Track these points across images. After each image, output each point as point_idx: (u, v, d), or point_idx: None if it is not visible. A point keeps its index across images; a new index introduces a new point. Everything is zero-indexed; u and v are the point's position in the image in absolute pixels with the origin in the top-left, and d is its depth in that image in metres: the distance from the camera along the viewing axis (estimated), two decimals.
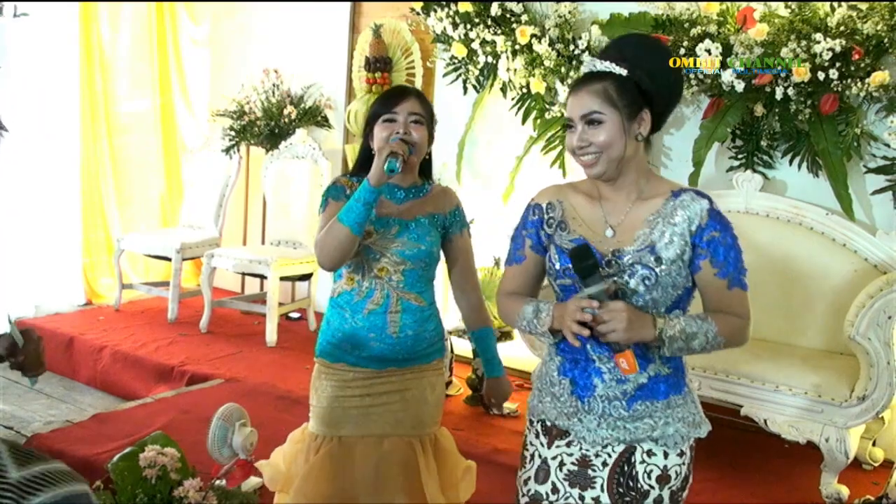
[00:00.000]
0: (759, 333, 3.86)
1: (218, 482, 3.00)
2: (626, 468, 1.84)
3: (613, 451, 1.84)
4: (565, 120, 1.87)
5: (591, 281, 1.74)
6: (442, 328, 2.49)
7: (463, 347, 4.58)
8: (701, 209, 1.80)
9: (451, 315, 4.81)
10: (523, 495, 1.94)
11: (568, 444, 1.88)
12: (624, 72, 1.80)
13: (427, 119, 2.36)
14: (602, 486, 1.85)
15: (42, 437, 3.68)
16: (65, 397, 4.74)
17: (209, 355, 4.96)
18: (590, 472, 1.86)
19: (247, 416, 3.16)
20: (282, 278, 5.29)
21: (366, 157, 2.38)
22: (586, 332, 1.72)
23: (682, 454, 1.85)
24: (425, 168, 2.45)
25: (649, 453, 1.83)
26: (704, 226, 1.80)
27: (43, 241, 5.80)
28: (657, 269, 1.77)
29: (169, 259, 5.66)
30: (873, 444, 3.74)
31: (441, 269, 2.48)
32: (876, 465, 3.72)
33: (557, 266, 1.86)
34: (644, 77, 1.81)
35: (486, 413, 4.25)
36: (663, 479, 1.84)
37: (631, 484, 1.83)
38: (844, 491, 3.36)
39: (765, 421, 3.48)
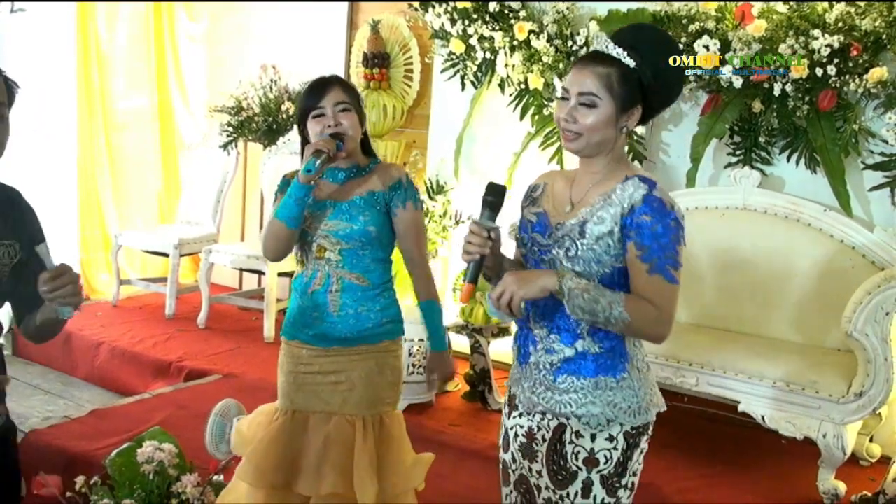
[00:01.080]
0: (756, 330, 3.86)
1: (216, 477, 3.00)
2: (557, 446, 1.90)
3: (549, 427, 1.90)
4: (561, 89, 1.90)
5: (488, 215, 1.89)
6: (397, 309, 2.54)
7: (460, 343, 4.58)
8: (637, 193, 1.81)
9: (449, 312, 4.81)
10: (499, 462, 2.07)
11: (520, 416, 1.97)
12: (632, 63, 1.81)
13: (354, 104, 2.43)
14: (542, 460, 1.92)
15: (40, 432, 3.68)
16: (62, 393, 4.74)
17: (207, 351, 4.96)
18: (534, 445, 1.94)
19: (244, 412, 3.16)
20: (279, 274, 5.28)
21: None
22: (473, 257, 1.85)
23: (611, 439, 1.86)
24: (365, 147, 2.53)
25: (577, 434, 1.87)
26: (636, 209, 1.79)
27: None
28: (578, 242, 1.82)
29: (166, 255, 5.66)
30: (870, 441, 3.75)
31: (442, 270, 2.53)
32: (873, 461, 3.73)
33: (517, 234, 2.00)
34: (648, 73, 1.82)
35: (483, 409, 4.25)
36: (590, 461, 1.86)
37: (562, 463, 1.89)
38: (842, 487, 3.37)
39: (762, 417, 3.49)
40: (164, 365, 4.76)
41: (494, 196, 1.90)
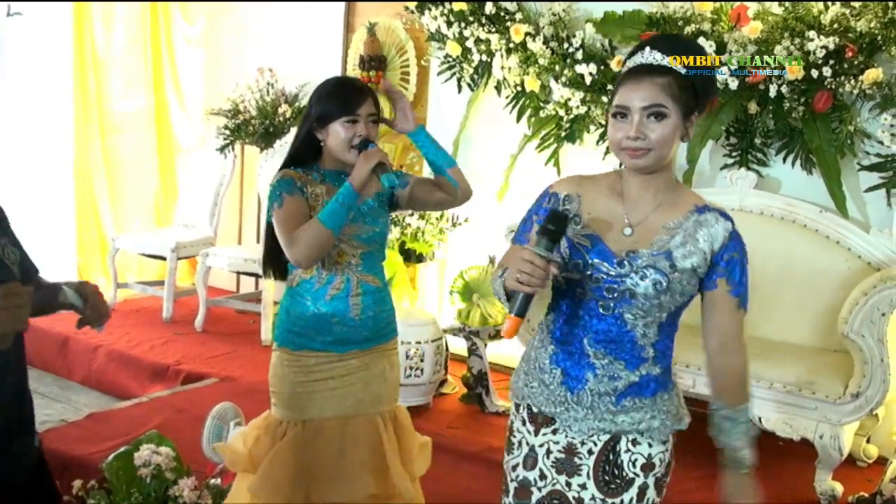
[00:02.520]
0: (752, 331, 3.87)
1: (213, 481, 3.00)
2: (611, 457, 1.86)
3: (599, 439, 1.87)
4: (614, 108, 1.79)
5: (546, 245, 1.71)
6: (394, 307, 2.58)
7: (458, 346, 4.58)
8: (725, 230, 1.82)
9: (446, 314, 4.82)
10: (512, 480, 1.96)
11: (554, 432, 1.90)
12: (683, 70, 1.78)
13: (379, 115, 2.45)
14: (588, 473, 1.88)
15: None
16: (60, 397, 4.73)
17: (204, 354, 4.95)
18: (576, 459, 1.88)
19: (241, 415, 3.16)
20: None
21: (314, 149, 2.45)
22: (526, 289, 1.68)
23: (664, 442, 1.89)
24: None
25: (634, 442, 1.86)
26: (727, 246, 1.82)
27: (36, 240, 5.78)
28: (671, 276, 1.77)
29: (163, 258, 5.65)
30: (867, 441, 3.75)
31: (439, 272, 2.55)
32: (870, 461, 3.73)
33: (566, 258, 1.83)
34: (698, 80, 1.80)
35: (480, 411, 4.25)
36: (648, 467, 1.87)
37: (616, 472, 1.86)
38: (838, 488, 3.37)
39: (759, 418, 3.49)
40: (161, 368, 4.75)
41: (556, 225, 1.74)
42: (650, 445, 1.86)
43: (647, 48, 1.80)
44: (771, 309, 3.87)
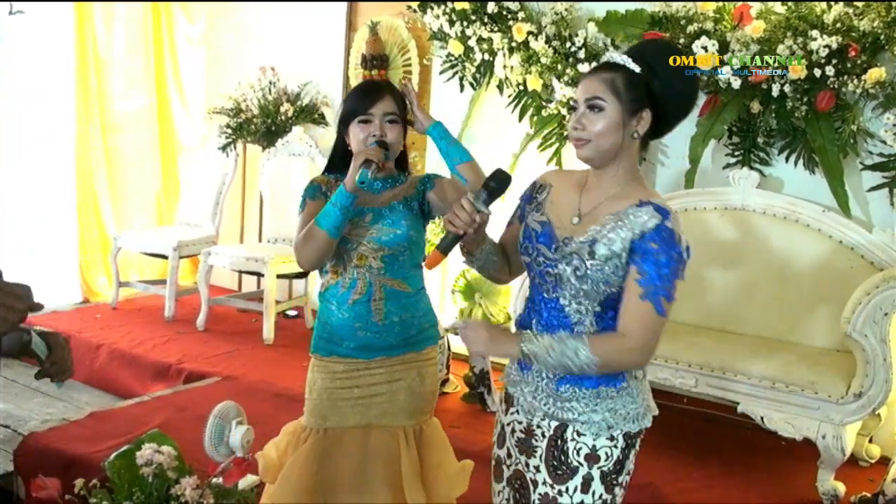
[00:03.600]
0: (755, 331, 3.86)
1: (215, 480, 3.00)
2: (558, 443, 1.93)
3: (549, 425, 1.94)
4: (572, 103, 1.92)
5: (485, 198, 1.89)
6: (434, 314, 2.52)
7: (459, 345, 4.57)
8: (650, 221, 1.81)
9: (447, 313, 4.82)
10: (492, 458, 2.10)
11: (517, 412, 2.01)
12: (637, 69, 1.84)
13: (401, 116, 2.39)
14: (541, 455, 1.95)
15: (39, 435, 3.68)
16: (62, 395, 4.73)
17: (206, 353, 4.95)
18: (533, 441, 1.98)
19: (244, 414, 3.15)
20: (279, 276, 5.28)
21: (342, 154, 2.42)
22: (451, 228, 1.87)
23: (612, 438, 1.90)
24: (401, 160, 2.49)
25: (578, 433, 1.91)
26: (647, 236, 1.80)
27: (39, 239, 5.80)
28: (587, 262, 1.83)
29: (166, 257, 5.65)
30: (870, 441, 3.75)
31: (441, 271, 2.51)
32: (872, 461, 3.73)
33: (521, 241, 1.98)
34: (655, 80, 1.85)
35: (482, 411, 4.25)
36: (592, 458, 1.90)
37: (563, 458, 1.92)
38: (841, 488, 3.37)
39: (761, 418, 3.48)
40: (163, 367, 4.75)
41: (497, 183, 1.92)
42: (595, 437, 1.89)
43: (611, 50, 1.90)
44: (773, 309, 3.87)
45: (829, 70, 3.67)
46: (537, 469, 1.96)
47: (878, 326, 3.24)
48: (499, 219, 2.09)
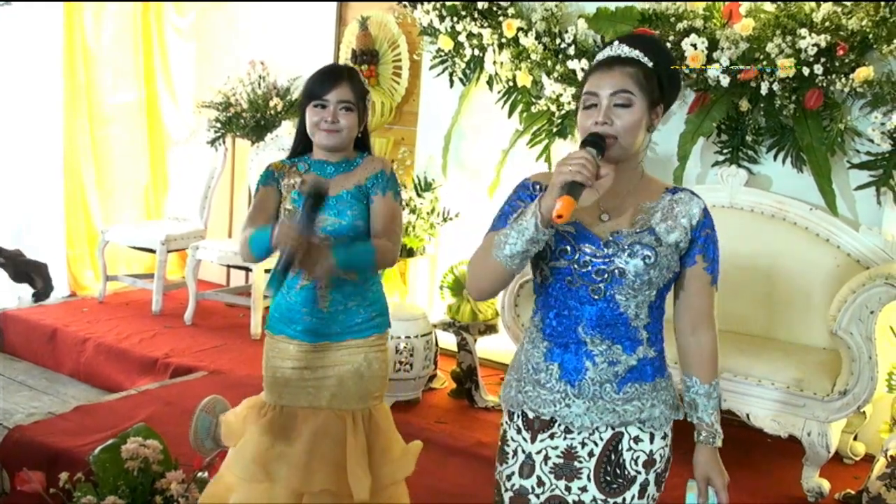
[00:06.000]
0: (741, 328, 3.87)
1: (200, 474, 2.99)
2: (612, 456, 1.87)
3: (601, 439, 1.87)
4: (584, 95, 1.83)
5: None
6: (384, 302, 2.55)
7: (447, 341, 4.58)
8: (699, 207, 1.87)
9: (436, 309, 4.81)
10: (507, 490, 1.94)
11: (552, 437, 1.89)
12: (650, 63, 1.84)
13: (357, 103, 2.42)
14: (588, 475, 1.87)
15: (24, 428, 3.67)
16: (48, 389, 4.71)
17: (193, 347, 4.94)
18: (575, 463, 1.88)
19: (230, 408, 3.15)
20: (266, 270, 5.26)
21: (302, 138, 2.50)
22: (578, 178, 1.67)
23: (665, 436, 1.91)
24: (361, 143, 2.54)
25: (636, 440, 1.87)
26: (702, 223, 1.86)
27: (26, 232, 5.76)
28: (657, 249, 1.81)
29: (153, 251, 5.63)
30: (854, 439, 3.77)
31: (430, 267, 2.52)
32: (857, 459, 3.75)
33: (553, 245, 1.83)
34: (664, 74, 1.86)
35: (470, 406, 4.25)
36: (649, 463, 1.88)
37: (618, 471, 1.87)
38: (826, 485, 3.39)
39: (747, 415, 3.50)
40: (150, 361, 4.74)
41: (594, 144, 1.75)
42: (651, 440, 1.88)
43: (617, 42, 1.88)
44: (759, 306, 3.88)
45: (818, 68, 3.68)
46: (583, 489, 1.87)
47: (864, 324, 3.26)
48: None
